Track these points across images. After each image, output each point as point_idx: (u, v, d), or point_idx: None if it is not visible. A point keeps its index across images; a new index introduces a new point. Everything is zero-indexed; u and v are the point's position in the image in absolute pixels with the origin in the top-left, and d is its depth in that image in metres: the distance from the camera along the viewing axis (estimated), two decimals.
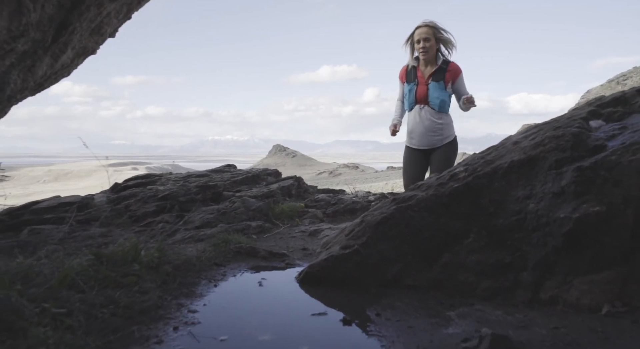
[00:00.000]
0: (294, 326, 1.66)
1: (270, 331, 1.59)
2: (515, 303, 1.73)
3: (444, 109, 3.56)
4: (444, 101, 3.52)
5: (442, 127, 3.56)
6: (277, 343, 1.50)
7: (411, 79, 3.60)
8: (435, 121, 3.54)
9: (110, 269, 1.94)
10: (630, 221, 1.58)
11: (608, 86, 69.13)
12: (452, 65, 3.53)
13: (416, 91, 3.55)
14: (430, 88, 3.50)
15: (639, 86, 2.27)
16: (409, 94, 3.59)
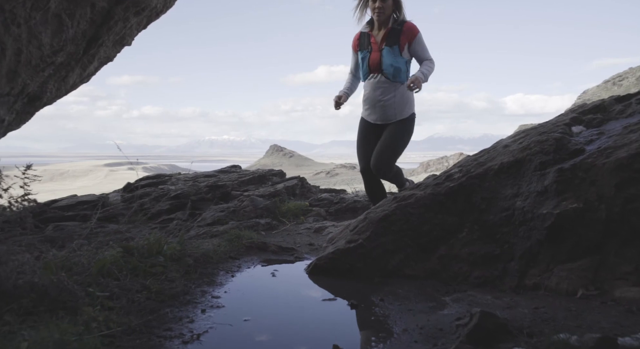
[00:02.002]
0: (307, 309, 1.87)
1: (287, 313, 1.81)
2: (504, 289, 1.95)
3: (400, 78, 3.07)
4: (398, 68, 3.04)
5: (397, 100, 3.09)
6: (295, 323, 1.71)
7: (364, 46, 3.15)
8: (389, 92, 3.08)
9: (139, 261, 2.14)
10: (603, 216, 1.80)
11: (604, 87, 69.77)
12: (408, 25, 3.05)
13: (369, 58, 3.10)
14: (383, 54, 3.04)
15: (617, 96, 2.50)
16: (362, 63, 3.15)
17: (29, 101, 2.19)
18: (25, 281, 1.59)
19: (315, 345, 1.52)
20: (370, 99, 3.17)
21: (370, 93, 3.16)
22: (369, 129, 3.25)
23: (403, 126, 3.16)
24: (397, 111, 3.14)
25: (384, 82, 3.09)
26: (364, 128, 3.30)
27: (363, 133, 3.30)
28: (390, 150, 3.14)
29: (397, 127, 3.15)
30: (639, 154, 1.78)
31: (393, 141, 3.14)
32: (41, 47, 1.89)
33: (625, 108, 2.36)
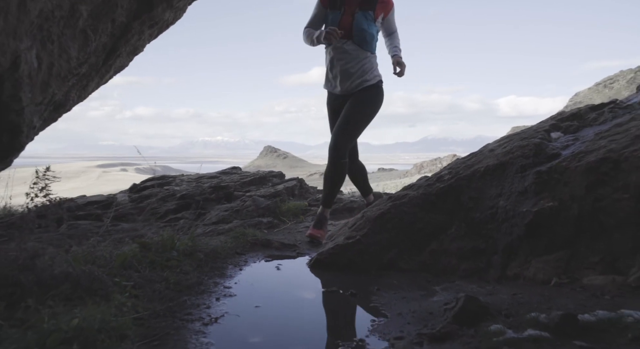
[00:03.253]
0: (311, 297, 2.08)
1: (293, 301, 2.01)
2: (488, 280, 2.16)
3: (370, 47, 2.89)
4: (372, 35, 2.86)
5: (365, 68, 2.89)
6: (301, 308, 1.91)
7: (336, 4, 2.87)
8: (357, 59, 2.86)
9: (156, 255, 2.33)
10: (575, 214, 2.02)
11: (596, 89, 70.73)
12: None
13: (340, 21, 2.82)
14: (356, 18, 2.80)
15: (592, 104, 2.73)
16: (331, 24, 2.86)
17: (55, 108, 2.37)
18: (61, 272, 1.77)
19: (321, 327, 1.73)
20: (335, 68, 2.90)
21: (336, 61, 2.89)
22: (337, 102, 3.00)
23: (368, 94, 2.91)
24: (363, 79, 2.91)
25: (353, 50, 2.85)
26: (331, 101, 3.05)
27: (331, 107, 3.05)
28: (352, 123, 2.89)
29: (361, 95, 2.89)
30: (606, 159, 2.01)
31: (355, 112, 2.88)
32: (69, 60, 2.08)
33: (599, 116, 2.59)
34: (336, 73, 2.94)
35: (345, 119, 2.89)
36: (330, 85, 3.03)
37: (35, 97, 1.94)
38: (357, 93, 2.92)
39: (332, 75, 2.97)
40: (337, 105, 3.03)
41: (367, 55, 2.90)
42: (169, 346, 1.48)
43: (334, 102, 3.05)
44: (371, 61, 2.93)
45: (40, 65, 1.87)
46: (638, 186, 1.89)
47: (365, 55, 2.89)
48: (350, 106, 2.91)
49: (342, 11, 2.86)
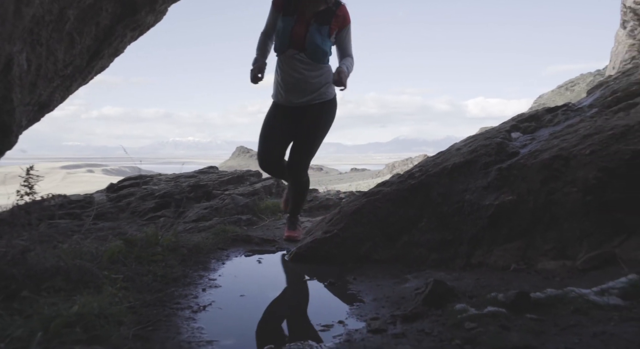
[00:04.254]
0: (293, 287, 2.21)
1: (276, 290, 2.14)
2: (454, 268, 2.35)
3: (324, 61, 2.76)
4: (325, 52, 2.72)
5: (321, 81, 2.78)
6: (284, 297, 2.05)
7: (290, 11, 2.69)
8: (312, 74, 2.74)
9: (141, 251, 2.41)
10: (531, 206, 2.23)
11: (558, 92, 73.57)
12: (343, 10, 2.71)
13: (292, 29, 2.66)
14: (311, 31, 2.65)
15: (548, 107, 2.97)
16: (282, 31, 2.69)
17: (39, 108, 2.42)
18: (52, 265, 1.84)
19: (303, 312, 1.87)
20: (288, 79, 2.76)
21: (288, 71, 2.74)
22: (282, 113, 2.85)
23: (325, 113, 2.84)
24: (320, 92, 2.79)
25: (305, 62, 2.71)
26: (275, 112, 2.88)
27: (274, 117, 2.86)
28: (314, 145, 2.90)
29: (319, 114, 2.81)
30: (558, 156, 2.23)
31: (317, 136, 2.86)
32: (56, 63, 2.15)
33: (554, 118, 2.83)
34: (289, 86, 2.78)
35: (307, 140, 2.85)
36: (281, 97, 2.84)
37: (24, 98, 2.01)
38: (313, 110, 2.80)
39: (283, 86, 2.80)
40: (279, 117, 2.86)
41: (320, 68, 2.77)
42: (162, 330, 1.58)
43: (278, 113, 2.87)
44: (326, 75, 2.80)
45: (30, 67, 1.94)
46: (584, 180, 2.11)
47: (319, 67, 2.76)
48: (310, 127, 2.83)
49: (294, 18, 2.68)
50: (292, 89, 2.79)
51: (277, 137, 2.91)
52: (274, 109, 2.93)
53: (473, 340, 1.40)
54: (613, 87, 3.12)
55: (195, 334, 1.58)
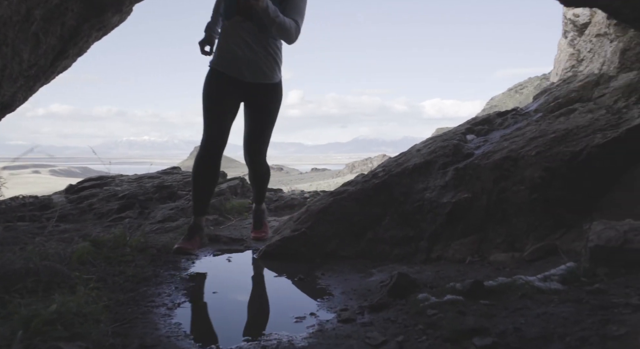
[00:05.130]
0: (263, 282, 2.29)
1: (248, 286, 2.21)
2: (416, 262, 2.51)
3: (269, 31, 2.46)
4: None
5: (269, 56, 2.53)
6: (255, 292, 2.12)
7: None
8: (259, 43, 2.49)
9: (109, 252, 2.41)
10: (485, 203, 2.43)
11: (508, 94, 77.16)
12: None
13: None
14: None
15: (499, 111, 3.21)
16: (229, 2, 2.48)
17: (1, 109, 2.38)
18: (22, 267, 1.83)
19: (275, 305, 1.96)
20: (233, 47, 2.48)
21: (233, 39, 2.48)
22: (228, 87, 2.55)
23: (277, 96, 2.67)
24: (268, 70, 2.56)
25: (252, 32, 2.46)
26: (220, 85, 2.54)
27: (219, 89, 2.54)
28: (268, 132, 2.77)
29: (270, 98, 2.64)
30: (507, 157, 2.44)
31: (271, 116, 2.71)
32: (21, 63, 2.13)
33: (504, 121, 3.07)
34: (234, 54, 2.50)
35: (264, 125, 2.72)
36: (224, 64, 2.54)
37: None
38: (264, 92, 2.61)
39: (228, 54, 2.52)
40: (226, 90, 2.54)
41: (273, 41, 2.53)
42: (140, 327, 1.63)
43: (224, 84, 2.54)
44: (278, 53, 2.58)
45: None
46: (531, 179, 2.33)
47: (266, 39, 2.50)
48: (264, 109, 2.68)
49: None
50: (237, 59, 2.51)
51: (222, 113, 2.57)
52: (215, 76, 2.57)
53: (434, 325, 1.54)
54: (555, 93, 3.41)
55: (173, 329, 1.63)
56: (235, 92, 2.61)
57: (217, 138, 2.58)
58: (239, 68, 2.55)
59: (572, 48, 5.35)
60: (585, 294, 1.57)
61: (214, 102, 2.58)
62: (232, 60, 2.55)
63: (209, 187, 2.71)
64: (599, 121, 2.55)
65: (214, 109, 2.58)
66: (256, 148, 2.82)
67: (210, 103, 2.58)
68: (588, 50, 4.77)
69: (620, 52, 3.60)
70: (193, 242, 2.67)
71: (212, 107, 2.58)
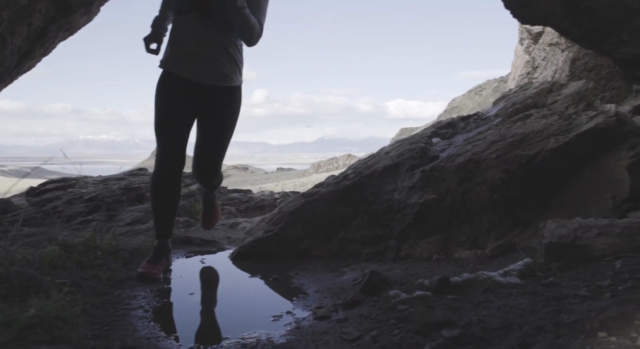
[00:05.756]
0: (239, 283, 2.33)
1: (223, 287, 2.25)
2: (386, 260, 2.62)
3: (232, 34, 2.24)
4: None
5: (228, 55, 2.25)
6: (231, 292, 2.17)
7: None
8: (216, 42, 2.22)
9: (80, 255, 2.38)
10: (450, 204, 2.57)
11: (468, 95, 79.68)
12: None
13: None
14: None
15: (462, 115, 3.38)
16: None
17: None
18: None
19: (252, 305, 2.01)
20: (187, 45, 2.21)
21: (187, 37, 2.20)
22: (182, 92, 2.25)
23: (236, 102, 2.36)
24: (228, 71, 2.26)
25: (210, 30, 2.19)
26: (173, 90, 2.25)
27: (172, 99, 2.25)
28: (229, 138, 2.43)
29: (231, 103, 2.33)
30: (470, 160, 2.59)
31: (230, 124, 2.37)
32: None
33: (466, 125, 3.24)
34: (188, 52, 2.22)
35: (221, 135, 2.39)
36: (177, 64, 2.25)
37: None
38: (222, 94, 2.30)
39: (182, 52, 2.23)
40: (180, 94, 2.25)
41: (235, 43, 2.28)
42: (119, 329, 1.64)
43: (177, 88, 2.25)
44: (238, 54, 2.31)
45: None
46: (492, 180, 2.49)
47: (225, 38, 2.23)
48: (220, 117, 2.34)
49: None
50: (191, 58, 2.22)
51: (183, 126, 2.30)
52: (167, 81, 2.28)
53: (405, 319, 1.64)
54: (513, 99, 3.62)
55: (152, 330, 1.65)
56: (190, 98, 2.28)
57: (173, 155, 2.31)
58: (194, 69, 2.23)
59: (527, 55, 5.67)
60: (540, 287, 1.71)
61: (166, 113, 2.28)
62: (186, 60, 2.23)
63: (170, 209, 2.42)
64: (552, 126, 2.75)
65: (167, 120, 2.28)
66: (211, 163, 2.43)
67: (163, 113, 2.28)
68: (542, 58, 5.08)
69: (570, 62, 3.87)
70: (159, 266, 2.32)
71: (165, 119, 2.28)
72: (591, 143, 2.50)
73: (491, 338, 1.41)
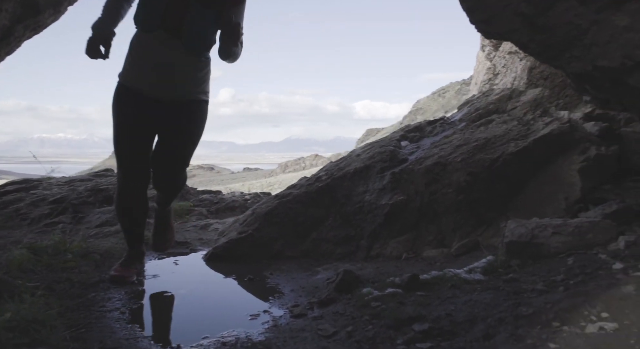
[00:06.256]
0: (215, 283, 2.36)
1: (199, 288, 2.27)
2: (357, 260, 2.71)
3: (205, 56, 2.16)
4: (210, 40, 2.14)
5: (197, 74, 2.16)
6: (208, 293, 2.19)
7: None
8: (186, 68, 2.10)
9: (50, 258, 2.34)
10: (418, 204, 2.69)
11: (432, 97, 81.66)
12: None
13: (167, 5, 2.01)
14: (192, 14, 2.02)
15: (429, 119, 3.53)
16: (150, 5, 2.05)
17: None
18: None
19: (229, 305, 2.05)
20: (153, 63, 2.06)
21: (154, 55, 2.05)
22: (143, 106, 2.12)
23: (202, 117, 2.24)
24: (195, 90, 2.17)
25: (179, 49, 2.04)
26: (133, 105, 2.12)
27: (133, 114, 2.12)
28: (192, 152, 2.32)
29: (196, 116, 2.21)
30: (437, 163, 2.72)
31: (194, 137, 2.26)
32: None
33: (433, 129, 3.39)
34: (154, 72, 2.07)
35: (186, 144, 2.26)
36: (141, 83, 2.10)
37: None
38: (189, 107, 2.18)
39: (147, 72, 2.08)
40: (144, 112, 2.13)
41: (203, 62, 2.17)
42: (96, 331, 1.65)
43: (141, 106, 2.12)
44: (207, 70, 2.21)
45: None
46: (457, 183, 2.63)
47: (197, 61, 2.14)
48: (186, 128, 2.21)
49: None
50: (158, 78, 2.08)
51: (145, 144, 2.20)
52: (130, 98, 2.12)
53: (378, 315, 1.73)
54: (476, 105, 3.80)
55: (130, 331, 1.67)
56: (152, 113, 2.15)
57: (138, 175, 2.21)
58: (161, 89, 2.11)
59: (489, 61, 5.93)
60: (502, 282, 1.84)
61: (129, 131, 2.16)
62: (151, 80, 2.09)
63: (139, 222, 2.36)
64: (512, 132, 2.93)
65: (129, 139, 2.16)
66: (176, 171, 2.31)
67: (124, 132, 2.16)
68: (502, 65, 5.33)
69: (528, 70, 4.10)
70: (132, 270, 2.29)
71: (127, 138, 2.16)
72: (547, 148, 2.68)
73: (458, 330, 1.52)
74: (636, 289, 1.42)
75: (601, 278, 1.58)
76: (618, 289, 1.45)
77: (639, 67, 1.57)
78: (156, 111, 2.15)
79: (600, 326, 1.30)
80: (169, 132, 2.23)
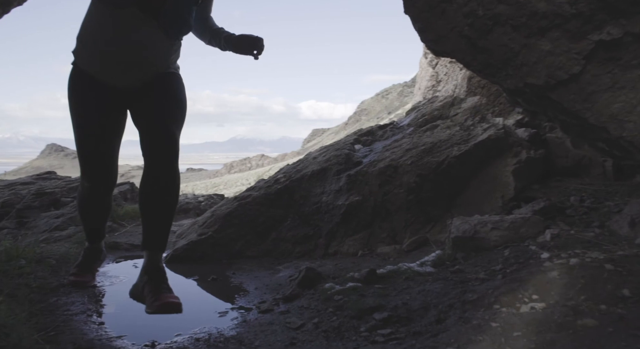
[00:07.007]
0: (178, 284, 2.39)
1: None
2: (316, 257, 2.85)
3: (180, 37, 1.95)
4: (191, 24, 1.94)
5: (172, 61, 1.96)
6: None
7: None
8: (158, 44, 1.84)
9: (3, 265, 2.27)
10: (372, 204, 2.88)
11: (376, 98, 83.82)
12: None
13: None
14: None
15: (380, 124, 3.74)
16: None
17: None
18: None
19: (197, 304, 2.11)
20: (118, 45, 1.78)
21: (122, 35, 1.78)
22: (106, 94, 1.87)
23: (179, 81, 1.98)
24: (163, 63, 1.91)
25: (153, 29, 1.80)
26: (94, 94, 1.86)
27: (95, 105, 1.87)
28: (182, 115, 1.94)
29: (175, 81, 1.95)
30: (389, 165, 2.93)
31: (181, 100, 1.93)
32: None
33: (384, 133, 3.61)
34: (120, 54, 1.80)
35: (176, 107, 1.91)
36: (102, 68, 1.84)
37: None
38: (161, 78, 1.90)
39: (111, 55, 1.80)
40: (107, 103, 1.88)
41: (177, 45, 1.96)
42: (67, 334, 1.66)
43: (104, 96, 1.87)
44: (179, 51, 2.01)
45: None
46: (407, 184, 2.84)
47: (174, 45, 1.93)
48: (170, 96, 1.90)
49: None
50: (123, 62, 1.81)
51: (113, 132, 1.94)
52: (89, 86, 1.87)
53: (341, 307, 1.88)
54: (422, 111, 4.08)
55: (101, 332, 1.69)
56: (117, 100, 1.89)
57: (104, 176, 1.99)
58: (127, 76, 1.84)
59: (431, 68, 6.31)
60: (449, 273, 2.06)
61: (91, 126, 1.89)
62: (114, 63, 1.81)
63: (102, 220, 2.26)
64: (455, 136, 3.20)
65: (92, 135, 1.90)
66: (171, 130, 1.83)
67: (86, 127, 1.89)
68: (444, 73, 5.71)
69: (467, 79, 4.45)
70: (91, 272, 2.25)
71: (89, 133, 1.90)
72: (485, 151, 2.97)
73: (414, 316, 1.70)
74: (559, 274, 1.67)
75: (532, 266, 1.83)
76: (545, 275, 1.69)
77: (560, 85, 1.84)
78: (121, 95, 1.87)
79: (531, 306, 1.52)
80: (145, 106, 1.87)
